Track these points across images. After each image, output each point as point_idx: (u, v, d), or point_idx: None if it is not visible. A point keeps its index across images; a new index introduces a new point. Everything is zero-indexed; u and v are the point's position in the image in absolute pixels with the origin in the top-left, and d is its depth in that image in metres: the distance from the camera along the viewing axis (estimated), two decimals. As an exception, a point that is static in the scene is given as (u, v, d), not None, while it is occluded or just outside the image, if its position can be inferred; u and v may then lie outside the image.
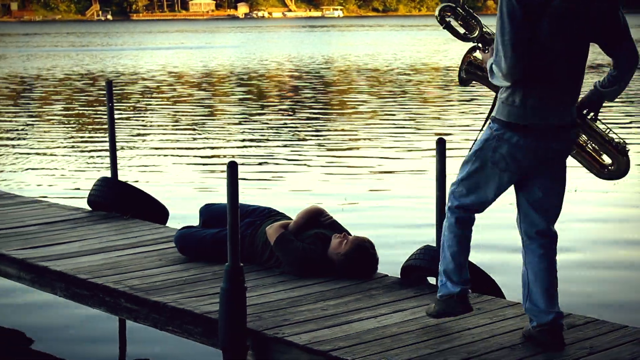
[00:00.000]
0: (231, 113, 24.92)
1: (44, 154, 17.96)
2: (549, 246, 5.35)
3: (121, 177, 9.28)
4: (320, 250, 6.64)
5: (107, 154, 9.39)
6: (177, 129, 21.56)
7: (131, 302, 6.22)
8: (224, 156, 17.20)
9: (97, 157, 17.41)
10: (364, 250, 6.58)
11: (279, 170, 15.71)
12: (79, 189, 13.82)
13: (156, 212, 8.88)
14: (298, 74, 39.81)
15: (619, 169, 5.37)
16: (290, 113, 24.63)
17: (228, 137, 20.11)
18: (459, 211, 5.28)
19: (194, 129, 21.51)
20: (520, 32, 4.78)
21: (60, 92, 31.88)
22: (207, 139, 19.86)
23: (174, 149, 18.45)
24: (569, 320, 5.57)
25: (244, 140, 19.52)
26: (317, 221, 6.95)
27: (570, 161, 5.28)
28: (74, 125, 22.62)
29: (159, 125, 22.43)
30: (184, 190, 14.02)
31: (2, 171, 16.04)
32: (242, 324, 5.40)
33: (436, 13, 5.38)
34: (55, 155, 17.84)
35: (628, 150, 5.34)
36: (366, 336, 5.34)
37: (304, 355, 5.19)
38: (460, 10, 5.41)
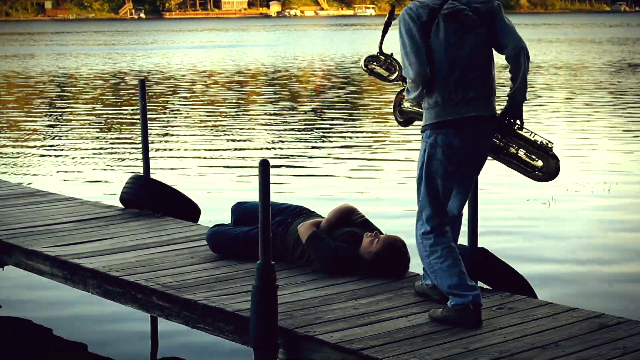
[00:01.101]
0: (262, 111, 24.95)
1: (77, 152, 18.07)
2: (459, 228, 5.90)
3: (153, 175, 9.31)
4: (351, 248, 6.63)
5: (139, 152, 9.42)
6: (208, 128, 21.62)
7: (163, 299, 6.24)
8: (256, 155, 17.23)
9: (129, 155, 17.49)
10: (396, 250, 6.57)
11: (310, 168, 15.71)
12: (111, 187, 13.88)
13: (188, 210, 8.91)
14: (329, 73, 39.80)
15: (549, 171, 5.72)
16: (321, 112, 24.63)
17: (259, 135, 20.14)
18: (434, 233, 5.60)
19: (226, 128, 21.56)
20: (418, 43, 5.45)
21: (92, 91, 32.05)
22: (238, 137, 19.90)
23: (205, 147, 18.50)
24: (601, 320, 5.54)
25: (275, 139, 19.54)
26: (348, 220, 6.95)
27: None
28: (105, 124, 22.72)
29: (190, 124, 22.50)
30: (216, 188, 14.06)
31: (35, 169, 16.15)
32: (273, 322, 5.41)
33: (361, 64, 6.07)
34: (87, 153, 17.94)
35: (552, 149, 5.69)
36: (397, 335, 5.34)
37: (335, 354, 5.19)
38: (381, 57, 6.11)
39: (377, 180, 14.15)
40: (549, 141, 5.73)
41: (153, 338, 7.94)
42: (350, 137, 19.52)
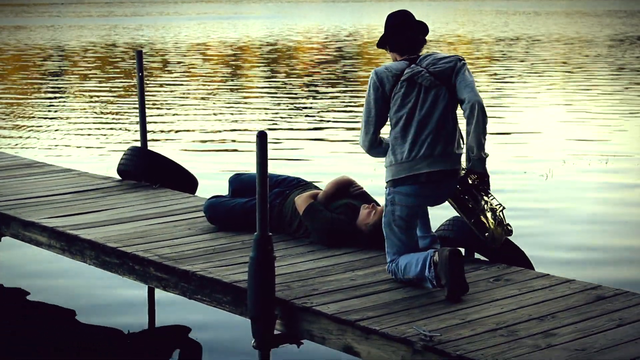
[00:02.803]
0: (261, 83, 24.90)
1: (74, 124, 18.04)
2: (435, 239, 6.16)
3: (151, 147, 9.30)
4: (349, 220, 6.64)
5: (137, 123, 9.41)
6: (206, 99, 21.59)
7: (160, 270, 6.25)
8: (254, 126, 17.21)
9: (127, 127, 17.47)
10: None
11: (308, 140, 15.70)
12: (109, 158, 13.88)
13: (185, 181, 8.90)
14: (327, 45, 39.70)
15: (494, 237, 5.96)
16: (320, 85, 24.58)
17: (257, 107, 20.11)
18: (397, 255, 5.85)
19: (224, 99, 21.52)
20: (371, 115, 5.83)
21: (88, 63, 31.96)
22: (236, 109, 19.87)
23: (203, 118, 18.48)
24: (598, 292, 5.55)
25: (273, 111, 19.51)
26: (346, 191, 6.95)
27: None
28: (103, 96, 22.68)
29: (187, 96, 22.46)
30: (213, 159, 14.05)
31: (32, 141, 16.13)
32: (270, 293, 5.41)
33: None
34: (85, 124, 17.92)
35: (504, 222, 5.95)
36: (394, 306, 5.34)
37: (332, 325, 5.20)
38: None
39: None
40: (500, 204, 5.96)
41: (150, 309, 7.96)
42: (349, 111, 19.49)
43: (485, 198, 5.93)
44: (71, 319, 7.88)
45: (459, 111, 5.84)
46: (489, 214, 5.92)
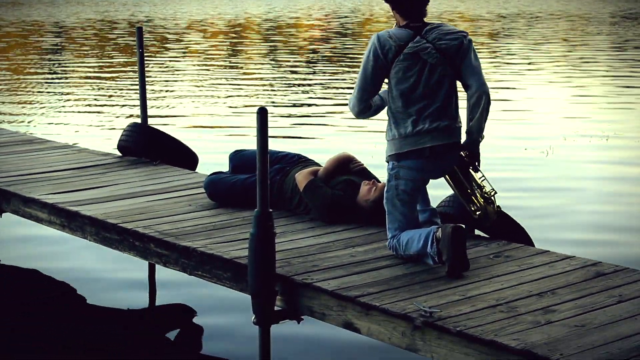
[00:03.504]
0: (260, 60, 24.86)
1: (74, 100, 18.02)
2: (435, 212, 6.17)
3: (151, 123, 9.29)
4: (349, 196, 6.64)
5: (137, 100, 9.40)
6: (206, 76, 21.55)
7: (161, 247, 6.25)
8: (254, 103, 17.19)
9: (127, 103, 17.45)
10: None
11: (308, 117, 15.69)
12: (109, 135, 13.87)
13: (186, 158, 8.89)
14: (327, 22, 39.59)
15: (485, 215, 5.98)
16: (320, 61, 24.53)
17: (257, 84, 20.08)
18: (399, 231, 5.84)
19: (224, 76, 21.49)
20: (367, 82, 5.77)
21: (87, 40, 31.88)
22: (237, 85, 19.84)
23: (204, 95, 18.46)
24: (598, 268, 5.56)
25: (274, 87, 19.49)
26: (346, 168, 6.95)
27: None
28: (103, 72, 22.64)
29: (188, 73, 22.43)
30: (214, 136, 14.05)
31: (33, 117, 16.12)
32: (271, 269, 5.42)
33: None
34: (85, 101, 17.90)
35: (493, 197, 5.97)
36: (395, 282, 5.35)
37: (332, 301, 5.20)
38: None
39: (375, 129, 14.13)
40: (493, 189, 5.98)
41: (151, 285, 7.98)
42: (350, 87, 19.45)
43: (477, 177, 5.96)
44: (71, 296, 7.89)
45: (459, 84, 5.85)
46: (478, 193, 5.94)
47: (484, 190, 5.96)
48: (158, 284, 7.95)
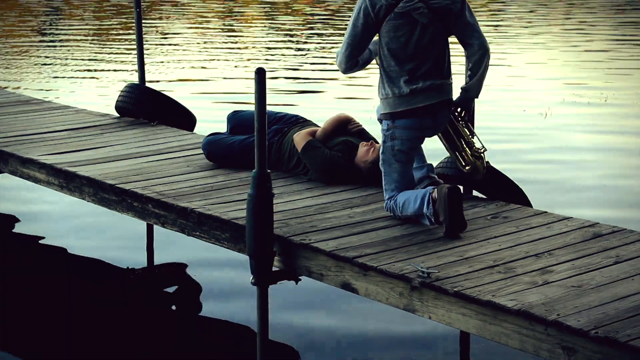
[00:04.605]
0: (258, 21, 24.74)
1: (72, 60, 17.96)
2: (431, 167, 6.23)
3: (149, 83, 9.26)
4: (347, 157, 6.63)
5: (135, 61, 9.36)
6: (204, 37, 21.46)
7: (159, 207, 6.25)
8: (252, 64, 17.14)
9: (125, 64, 17.39)
10: None
11: (307, 78, 15.65)
12: (106, 95, 13.83)
13: (184, 118, 8.87)
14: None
15: (475, 169, 5.98)
16: (319, 22, 24.43)
17: (256, 44, 20.01)
18: (396, 192, 5.84)
19: (221, 37, 21.40)
20: (356, 39, 5.72)
21: (84, 1, 31.72)
22: (234, 46, 19.77)
23: (201, 56, 18.39)
24: (595, 229, 5.57)
25: (272, 48, 19.42)
26: (344, 129, 6.93)
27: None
28: (101, 33, 22.54)
29: (186, 33, 22.33)
30: (212, 97, 14.02)
31: (30, 77, 16.07)
32: (269, 230, 5.42)
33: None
34: (82, 62, 17.83)
35: (483, 153, 5.97)
36: (393, 243, 5.36)
37: (330, 262, 5.22)
38: None
39: (373, 90, 14.11)
40: (483, 146, 5.98)
41: (149, 246, 8.00)
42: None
43: (467, 132, 5.97)
44: (69, 256, 7.91)
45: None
46: (468, 149, 5.96)
47: (474, 148, 5.98)
48: (156, 243, 7.97)
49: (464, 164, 5.99)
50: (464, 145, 5.98)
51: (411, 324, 6.32)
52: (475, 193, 6.36)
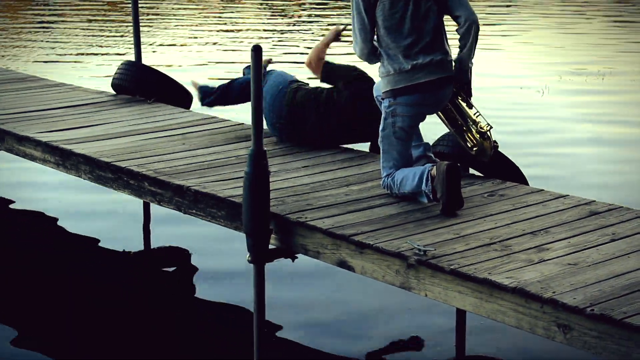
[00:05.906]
0: (254, 0, 24.68)
1: (68, 37, 17.90)
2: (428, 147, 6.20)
3: (145, 61, 9.23)
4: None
5: (131, 38, 9.33)
6: (201, 14, 21.40)
7: (155, 185, 6.24)
8: (249, 41, 17.09)
9: (121, 41, 17.34)
10: None
11: (304, 54, 15.60)
12: (102, 72, 13.80)
13: (180, 96, 8.84)
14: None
15: (482, 150, 5.93)
16: (315, 3, 24.37)
17: (252, 21, 19.95)
18: (394, 169, 5.85)
19: (218, 14, 21.34)
20: (364, 21, 5.77)
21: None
22: (230, 23, 19.71)
23: (197, 34, 18.34)
24: (592, 207, 5.57)
25: (268, 25, 19.37)
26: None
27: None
28: (98, 10, 22.47)
29: (182, 12, 22.27)
30: (208, 74, 13.98)
31: (26, 55, 16.03)
32: (265, 208, 5.42)
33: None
34: (78, 39, 17.78)
35: (490, 136, 5.90)
36: (389, 221, 5.35)
37: (326, 239, 5.21)
38: None
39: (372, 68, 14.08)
40: (488, 124, 5.92)
41: (145, 224, 7.99)
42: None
43: (471, 113, 5.94)
44: (65, 233, 7.91)
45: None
46: (473, 128, 5.92)
47: (479, 125, 5.95)
48: (153, 221, 7.97)
49: (470, 145, 5.96)
50: (470, 126, 5.94)
51: (408, 301, 6.32)
52: (472, 171, 6.35)
